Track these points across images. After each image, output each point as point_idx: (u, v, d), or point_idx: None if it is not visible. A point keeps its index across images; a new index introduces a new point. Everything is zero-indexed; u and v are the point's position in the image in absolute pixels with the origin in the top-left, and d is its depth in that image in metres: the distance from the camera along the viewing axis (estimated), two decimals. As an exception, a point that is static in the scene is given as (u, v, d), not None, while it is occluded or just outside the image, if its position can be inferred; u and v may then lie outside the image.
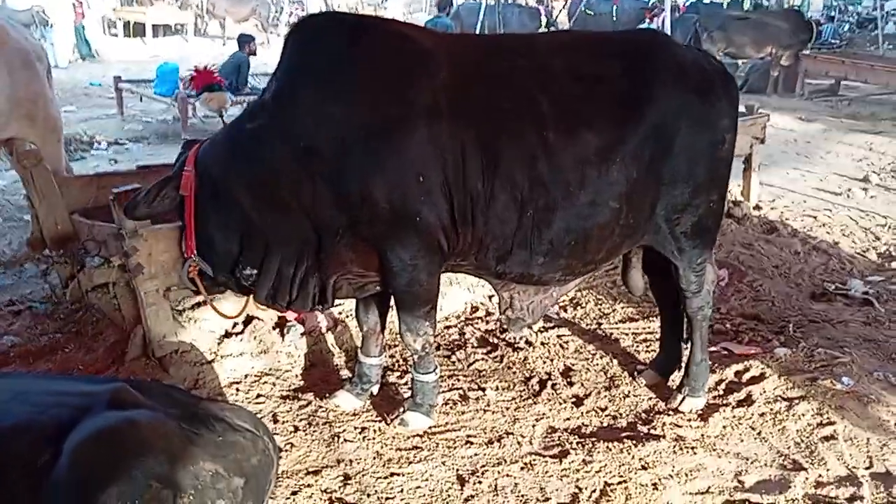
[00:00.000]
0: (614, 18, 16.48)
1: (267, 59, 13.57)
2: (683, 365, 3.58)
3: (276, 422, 3.23)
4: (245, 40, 10.51)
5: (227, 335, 3.87)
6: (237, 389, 3.49)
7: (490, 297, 4.60)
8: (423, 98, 2.77)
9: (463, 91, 2.83)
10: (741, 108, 6.39)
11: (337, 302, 3.32)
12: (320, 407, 3.36)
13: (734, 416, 3.40)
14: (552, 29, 16.40)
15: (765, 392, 3.58)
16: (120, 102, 10.98)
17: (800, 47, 13.57)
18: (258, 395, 3.46)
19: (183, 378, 3.50)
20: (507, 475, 2.93)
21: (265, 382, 3.57)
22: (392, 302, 3.34)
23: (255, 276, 2.95)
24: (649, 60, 2.98)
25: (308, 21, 2.99)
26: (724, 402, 3.53)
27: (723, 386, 3.68)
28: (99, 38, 16.93)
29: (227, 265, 2.97)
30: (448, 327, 4.25)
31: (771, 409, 3.44)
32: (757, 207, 6.71)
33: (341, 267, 2.96)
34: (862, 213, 6.83)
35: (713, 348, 3.91)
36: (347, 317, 4.04)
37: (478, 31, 14.39)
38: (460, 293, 4.58)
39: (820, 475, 3.02)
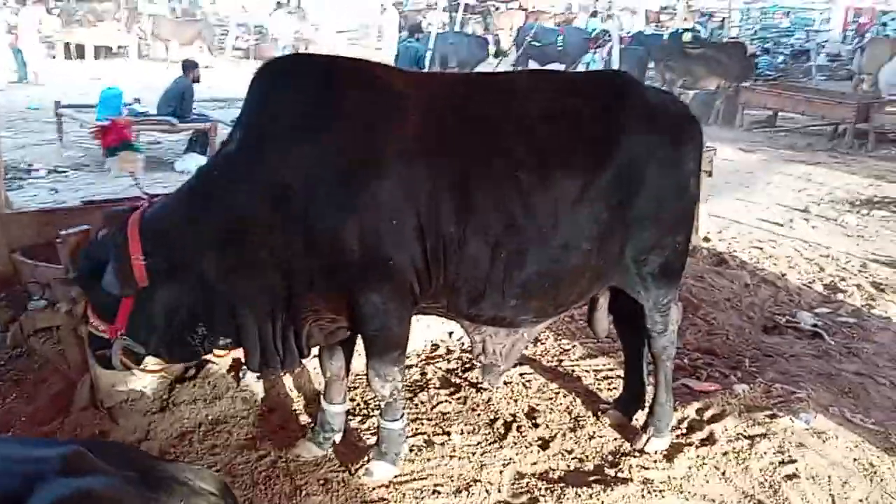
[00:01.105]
0: (559, 48, 16.77)
1: (212, 84, 13.37)
2: (647, 404, 3.58)
3: (233, 476, 3.09)
4: (189, 66, 10.30)
5: (180, 380, 3.72)
6: (191, 440, 3.33)
7: (450, 334, 4.55)
8: (394, 141, 2.73)
9: (436, 133, 2.79)
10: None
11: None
12: (280, 457, 3.23)
13: (698, 457, 3.41)
14: (501, 58, 16.61)
15: (727, 430, 3.60)
16: (60, 128, 10.61)
17: (743, 80, 14.04)
18: (213, 447, 3.31)
19: (133, 429, 3.34)
20: (477, 527, 2.87)
21: (220, 431, 3.43)
22: (357, 345, 3.26)
23: (231, 345, 2.86)
24: (620, 102, 3.00)
25: (275, 64, 2.90)
26: (688, 441, 3.54)
27: (685, 424, 3.69)
28: (38, 60, 16.37)
29: (174, 340, 2.84)
30: (409, 367, 4.17)
31: (733, 448, 3.47)
32: (706, 239, 6.84)
33: (314, 314, 2.89)
34: (805, 244, 7.04)
35: (673, 385, 3.93)
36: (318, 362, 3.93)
37: (427, 60, 14.45)
38: (420, 331, 4.50)
39: (785, 516, 3.04)
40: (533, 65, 16.54)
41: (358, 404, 3.74)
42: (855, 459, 3.40)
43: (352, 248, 2.69)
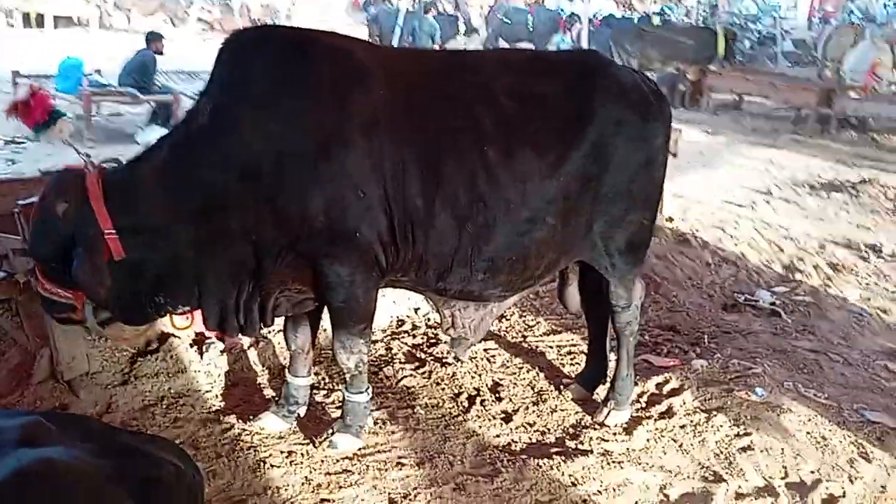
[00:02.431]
0: (530, 28, 16.76)
1: (175, 56, 13.11)
2: (609, 378, 3.64)
3: (196, 448, 3.08)
4: (153, 37, 10.09)
5: (141, 354, 3.69)
6: (153, 414, 3.31)
7: (416, 311, 4.57)
8: (360, 113, 2.72)
9: (403, 107, 2.79)
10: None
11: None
12: (244, 430, 3.23)
13: (657, 429, 3.48)
14: (470, 36, 16.54)
15: (685, 404, 3.68)
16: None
17: (705, 63, 14.15)
18: (176, 419, 3.29)
19: (94, 402, 3.32)
20: (440, 497, 2.90)
21: (183, 405, 3.41)
22: (322, 319, 3.26)
23: (190, 311, 2.84)
24: (590, 80, 3.02)
25: (241, 36, 2.85)
26: (647, 414, 3.61)
27: (645, 398, 3.76)
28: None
29: (131, 305, 2.82)
30: (375, 342, 4.18)
31: (691, 421, 3.54)
32: (670, 219, 6.93)
33: (281, 285, 2.88)
34: (766, 224, 7.16)
35: (634, 360, 4.00)
36: (270, 332, 3.91)
37: (396, 37, 14.34)
38: (386, 306, 4.51)
39: (739, 486, 3.12)
40: (503, 44, 16.54)
41: (322, 379, 3.75)
42: (808, 433, 3.50)
43: (318, 219, 2.68)
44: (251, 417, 3.32)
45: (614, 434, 3.43)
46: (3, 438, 1.96)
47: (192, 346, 3.83)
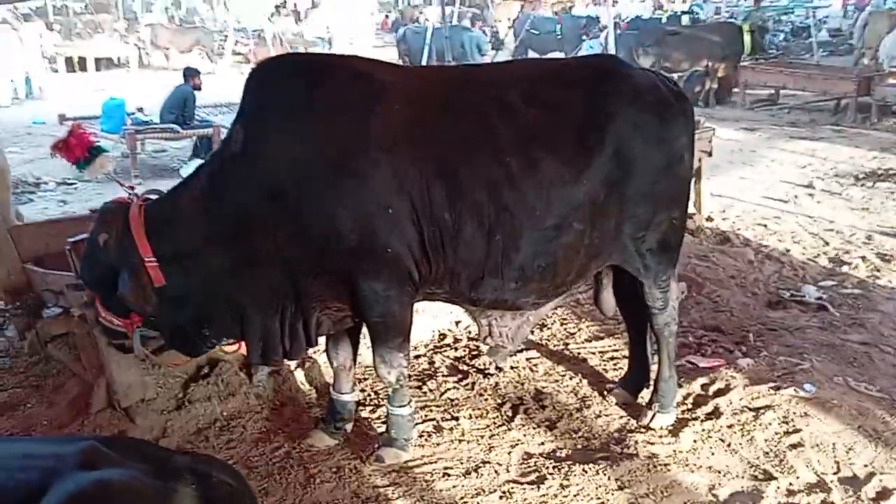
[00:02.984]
0: (558, 36, 16.76)
1: (214, 89, 13.46)
2: (652, 382, 3.63)
3: (249, 468, 3.17)
4: (190, 73, 10.38)
5: (194, 379, 3.80)
6: (207, 436, 3.42)
7: (457, 324, 4.62)
8: (381, 132, 2.81)
9: (424, 123, 2.87)
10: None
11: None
12: (293, 448, 3.31)
13: (704, 430, 3.46)
14: (499, 50, 16.63)
15: (731, 403, 3.65)
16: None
17: (735, 59, 13.96)
18: (229, 441, 3.40)
19: (150, 427, 3.43)
20: (488, 506, 2.93)
21: (235, 426, 3.51)
22: (363, 335, 3.33)
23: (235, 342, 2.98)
24: (606, 85, 3.06)
25: (265, 66, 2.99)
26: (693, 416, 3.59)
27: (690, 400, 3.74)
28: (41, 75, 16.53)
29: (184, 336, 2.95)
30: (417, 357, 4.25)
31: (738, 420, 3.52)
32: (709, 219, 6.87)
33: (321, 305, 2.97)
34: (810, 219, 7.04)
35: (678, 362, 3.98)
36: (315, 352, 4.00)
37: (425, 55, 14.50)
38: (427, 321, 4.57)
39: (790, 483, 3.09)
40: (532, 54, 16.56)
41: (368, 395, 3.81)
42: (859, 426, 3.44)
43: (349, 238, 2.77)
44: (300, 436, 3.40)
45: (660, 437, 3.42)
46: (62, 464, 2.06)
47: (241, 369, 3.93)
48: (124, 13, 23.10)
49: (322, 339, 3.26)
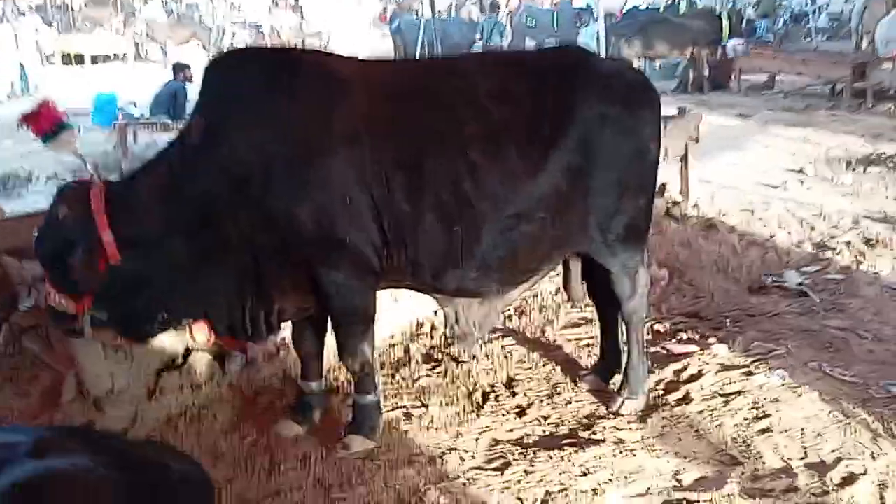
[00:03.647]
0: (555, 27, 16.68)
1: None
2: (623, 368, 3.63)
3: (216, 457, 3.19)
4: (180, 68, 10.42)
5: (166, 368, 3.81)
6: (176, 426, 3.44)
7: (435, 312, 4.61)
8: (341, 124, 2.82)
9: (383, 115, 2.87)
10: (674, 111, 6.56)
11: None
12: (261, 437, 3.33)
13: (672, 416, 3.46)
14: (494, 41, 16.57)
15: (702, 389, 3.65)
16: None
17: (713, 46, 13.91)
18: (198, 431, 3.41)
19: (120, 417, 3.44)
20: (450, 492, 2.94)
21: (206, 416, 3.52)
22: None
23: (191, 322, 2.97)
24: (572, 75, 3.06)
25: (227, 58, 3.02)
26: (663, 402, 3.59)
27: (662, 386, 3.74)
28: (37, 70, 16.56)
29: (138, 320, 2.94)
30: (393, 345, 4.25)
31: (708, 406, 3.51)
32: (695, 206, 6.84)
33: (282, 293, 2.97)
34: (798, 204, 7.00)
35: (653, 349, 3.98)
36: (290, 342, 4.01)
37: (419, 46, 14.47)
38: (405, 309, 4.57)
39: (756, 468, 3.08)
40: (530, 44, 16.48)
41: (341, 384, 3.82)
42: (830, 412, 3.42)
43: (308, 228, 2.78)
44: (270, 425, 3.41)
45: (629, 423, 3.42)
46: (13, 453, 2.07)
47: (214, 359, 3.94)
48: (121, 7, 23.04)
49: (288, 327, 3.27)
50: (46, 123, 3.50)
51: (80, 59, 19.48)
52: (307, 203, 2.77)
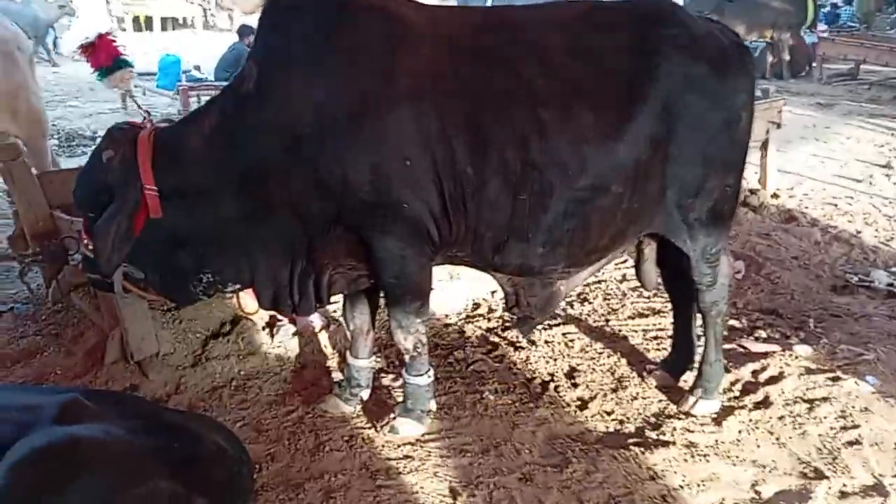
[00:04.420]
0: None
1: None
2: (696, 365, 3.35)
3: (259, 431, 3.03)
4: (245, 32, 10.33)
5: (214, 335, 3.69)
6: (220, 395, 3.30)
7: (493, 293, 4.39)
8: (405, 77, 2.56)
9: (450, 69, 2.61)
10: (756, 93, 6.15)
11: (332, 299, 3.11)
12: (307, 413, 3.16)
13: (751, 420, 3.17)
14: None
15: (784, 393, 3.34)
16: (123, 96, 10.83)
17: (796, 29, 13.13)
18: (242, 402, 3.26)
19: (164, 383, 3.33)
20: (504, 487, 2.72)
21: (251, 387, 3.38)
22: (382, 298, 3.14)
23: (238, 289, 2.78)
24: (656, 30, 2.73)
25: (282, 0, 2.75)
26: (740, 404, 3.30)
27: (738, 387, 3.44)
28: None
29: (180, 281, 2.74)
30: (447, 326, 4.04)
31: (790, 412, 3.21)
32: (775, 196, 6.44)
33: (334, 261, 2.78)
34: (885, 200, 6.54)
35: (728, 346, 3.68)
36: (341, 315, 3.84)
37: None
38: (461, 289, 4.37)
39: (844, 484, 2.78)
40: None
41: (392, 362, 3.63)
42: (926, 426, 3.10)
43: (364, 191, 2.55)
44: (316, 400, 3.24)
45: (702, 425, 3.14)
46: (40, 416, 1.94)
47: (263, 328, 3.81)
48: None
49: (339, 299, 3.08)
50: (104, 56, 3.37)
51: (149, 23, 19.71)
52: (364, 164, 2.54)
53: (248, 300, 3.19)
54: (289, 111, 2.56)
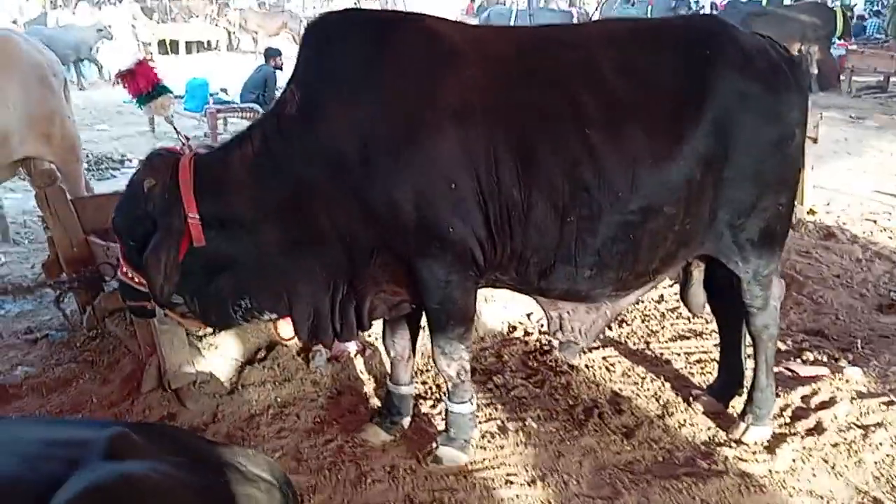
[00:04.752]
0: (648, 17, 16.11)
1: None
2: (746, 389, 3.24)
3: (299, 461, 2.97)
4: (272, 54, 10.41)
5: (249, 362, 3.65)
6: (258, 424, 3.24)
7: (529, 315, 4.31)
8: (451, 98, 2.51)
9: (496, 89, 2.55)
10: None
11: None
12: (347, 442, 3.09)
13: (804, 448, 3.05)
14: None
15: (836, 419, 3.22)
16: (152, 120, 10.93)
17: (824, 42, 12.97)
18: (280, 430, 3.20)
19: (201, 412, 3.28)
20: (553, 520, 2.64)
21: (288, 415, 3.31)
22: (423, 323, 3.07)
23: (275, 319, 2.75)
24: (708, 48, 2.66)
25: (325, 21, 2.71)
26: (792, 430, 3.18)
27: (789, 412, 3.33)
28: (133, 55, 17.06)
29: (220, 307, 2.70)
30: (484, 349, 3.96)
31: (845, 439, 3.09)
32: (811, 212, 6.31)
33: (376, 287, 2.72)
34: (927, 215, 6.39)
35: (776, 369, 3.56)
36: (376, 339, 3.78)
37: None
38: (497, 311, 4.29)
39: (906, 515, 2.66)
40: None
41: (429, 388, 3.56)
42: None
43: (408, 215, 2.49)
44: (355, 429, 3.18)
45: (754, 453, 3.03)
46: (88, 451, 1.88)
47: (298, 354, 3.75)
48: (215, -2, 23.60)
49: (380, 325, 3.02)
50: (143, 83, 3.36)
51: (174, 46, 19.96)
52: (409, 188, 2.48)
53: (284, 326, 3.14)
54: (333, 135, 2.52)
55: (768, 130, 2.70)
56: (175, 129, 2.92)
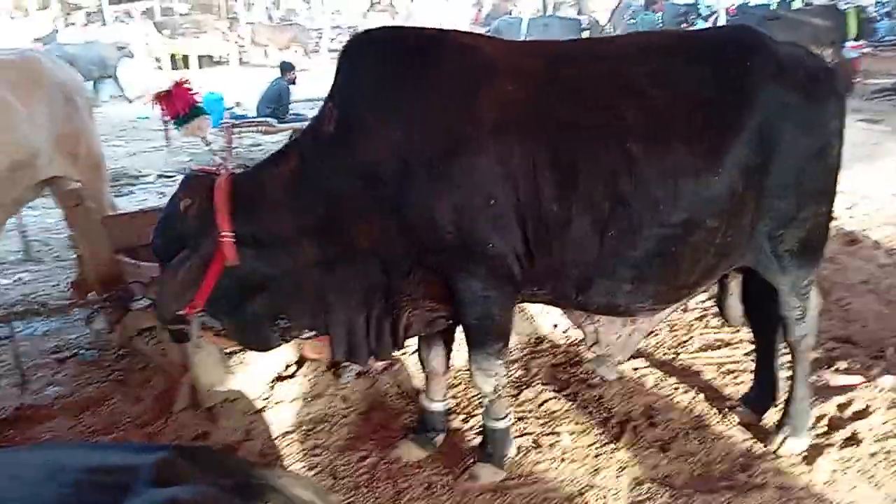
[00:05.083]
0: (659, 24, 16.07)
1: (308, 85, 13.54)
2: (781, 400, 3.21)
3: (335, 478, 2.96)
4: (286, 67, 10.44)
5: (280, 379, 3.64)
6: (291, 441, 3.23)
7: (555, 326, 4.30)
8: (490, 114, 2.51)
9: (534, 103, 2.55)
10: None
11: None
12: (381, 459, 3.08)
13: (842, 459, 3.02)
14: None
15: (873, 428, 3.19)
16: (167, 135, 10.99)
17: (837, 45, 12.89)
18: (314, 447, 3.19)
19: (234, 429, 3.27)
20: (595, 537, 2.61)
21: (321, 431, 3.31)
22: (456, 340, 3.07)
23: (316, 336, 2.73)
24: (746, 59, 2.65)
25: (362, 39, 2.72)
26: (829, 441, 3.15)
27: (825, 422, 3.29)
28: (147, 72, 17.15)
29: (257, 326, 2.71)
30: (512, 362, 3.94)
31: (883, 448, 3.06)
32: (834, 217, 6.25)
33: (412, 304, 2.72)
34: (949, 220, 6.32)
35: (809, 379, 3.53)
36: (404, 353, 3.77)
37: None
38: (521, 323, 4.27)
39: (951, 529, 2.63)
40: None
41: (460, 402, 3.55)
42: None
43: (447, 231, 2.49)
44: (388, 445, 3.17)
45: (792, 465, 3.00)
46: (135, 477, 1.88)
47: (328, 369, 3.75)
48: (226, 12, 23.73)
49: (412, 341, 3.02)
50: (181, 105, 3.37)
51: (186, 61, 20.08)
52: (448, 204, 2.48)
53: (311, 344, 3.15)
54: (370, 153, 2.52)
55: (809, 140, 2.68)
56: (212, 149, 2.93)
